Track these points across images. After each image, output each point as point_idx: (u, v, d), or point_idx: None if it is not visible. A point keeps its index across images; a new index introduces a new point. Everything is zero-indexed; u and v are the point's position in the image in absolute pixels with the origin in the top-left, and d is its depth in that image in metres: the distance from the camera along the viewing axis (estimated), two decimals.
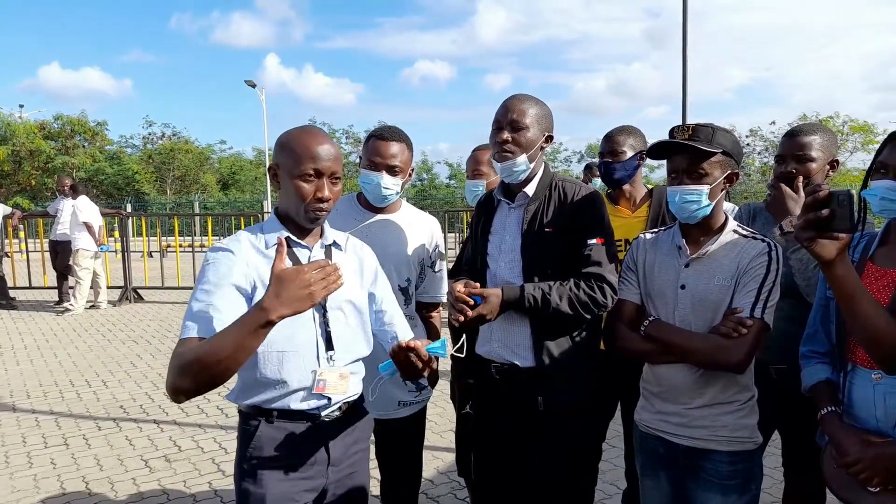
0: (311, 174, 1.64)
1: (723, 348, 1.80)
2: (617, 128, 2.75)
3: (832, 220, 1.39)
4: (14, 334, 7.65)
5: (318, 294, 1.43)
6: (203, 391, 1.44)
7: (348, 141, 39.40)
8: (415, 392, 2.40)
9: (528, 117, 2.07)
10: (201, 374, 1.41)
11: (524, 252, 2.10)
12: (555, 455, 2.10)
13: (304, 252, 1.74)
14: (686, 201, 1.86)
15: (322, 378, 1.68)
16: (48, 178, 31.98)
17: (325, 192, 1.65)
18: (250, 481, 1.67)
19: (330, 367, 1.70)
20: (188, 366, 1.41)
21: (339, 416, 1.76)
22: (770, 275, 1.82)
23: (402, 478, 2.47)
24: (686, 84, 14.35)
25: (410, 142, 2.36)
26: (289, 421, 1.69)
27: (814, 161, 2.20)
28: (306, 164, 1.63)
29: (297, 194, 1.64)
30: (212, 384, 1.43)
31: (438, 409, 4.63)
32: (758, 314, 1.80)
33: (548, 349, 2.08)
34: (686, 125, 1.90)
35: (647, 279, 2.01)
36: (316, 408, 1.71)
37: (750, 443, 1.89)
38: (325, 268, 1.45)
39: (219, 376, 1.42)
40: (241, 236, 1.70)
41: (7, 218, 9.84)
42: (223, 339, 1.41)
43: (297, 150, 1.65)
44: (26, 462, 3.98)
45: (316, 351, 1.69)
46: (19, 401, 5.17)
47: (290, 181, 1.65)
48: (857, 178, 26.70)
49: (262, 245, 1.69)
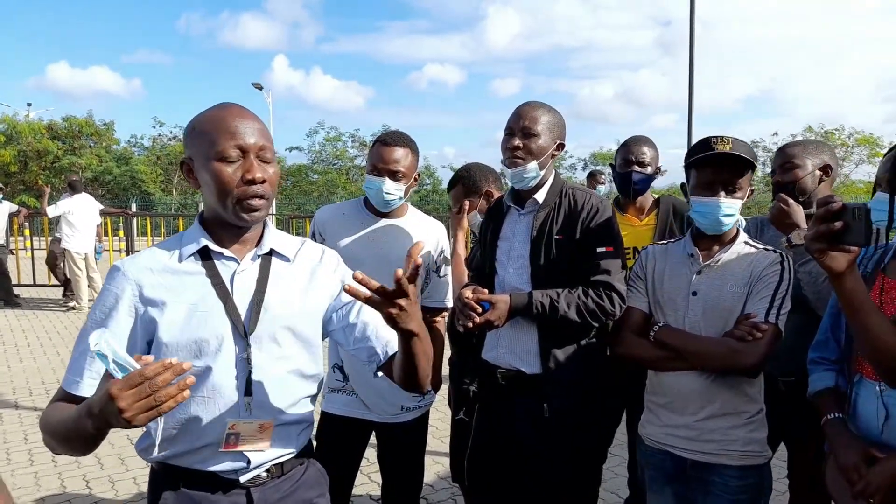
0: (232, 155, 1.30)
1: (737, 351, 1.80)
2: (643, 137, 2.82)
3: (845, 232, 1.38)
4: (17, 331, 7.67)
5: (163, 409, 1.05)
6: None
7: (354, 145, 39.46)
8: (418, 396, 2.39)
9: (539, 124, 2.08)
10: (54, 446, 1.24)
11: (533, 259, 2.10)
12: (559, 458, 2.10)
13: (231, 265, 1.38)
14: (725, 214, 1.87)
15: (234, 432, 1.32)
16: (55, 178, 32.07)
17: (256, 171, 1.30)
18: None
19: (246, 418, 1.33)
20: (43, 431, 1.26)
21: (267, 479, 1.39)
22: (783, 283, 1.84)
23: (404, 482, 2.46)
24: (692, 93, 14.37)
25: (416, 147, 2.36)
26: (199, 488, 1.34)
27: (798, 168, 2.30)
28: (224, 141, 1.29)
29: (220, 181, 1.29)
30: (70, 454, 1.25)
31: (440, 413, 4.62)
32: (772, 319, 1.81)
33: (555, 356, 2.07)
34: (725, 138, 1.87)
35: (657, 287, 2.00)
36: (232, 470, 1.35)
37: (760, 457, 1.88)
38: (168, 370, 1.05)
39: (69, 452, 1.25)
40: (138, 261, 1.37)
41: (13, 216, 9.87)
42: (64, 421, 1.19)
43: (210, 129, 1.31)
44: (27, 459, 3.97)
45: (232, 397, 1.34)
46: (22, 398, 5.17)
47: (207, 169, 1.31)
48: (861, 190, 26.65)
49: (174, 260, 1.36)
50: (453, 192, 2.84)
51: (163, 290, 1.33)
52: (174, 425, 1.33)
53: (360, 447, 2.40)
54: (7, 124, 35.19)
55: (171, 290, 1.33)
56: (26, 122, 35.84)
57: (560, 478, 2.11)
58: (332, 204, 2.57)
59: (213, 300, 1.34)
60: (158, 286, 1.33)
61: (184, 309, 1.32)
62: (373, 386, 2.25)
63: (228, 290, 1.36)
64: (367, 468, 3.73)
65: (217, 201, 1.33)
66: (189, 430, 1.33)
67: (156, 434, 1.32)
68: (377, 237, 2.34)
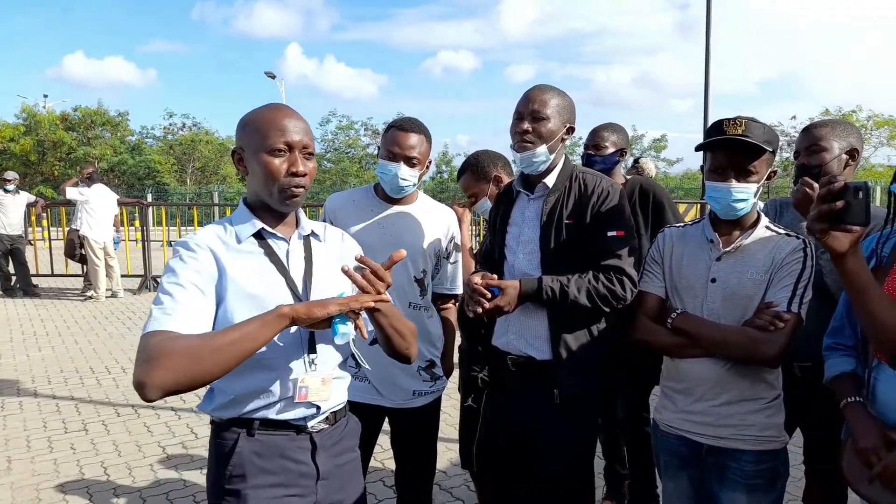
0: (282, 148, 1.49)
1: (759, 341, 1.76)
2: (602, 124, 3.01)
3: (846, 212, 1.37)
4: (36, 321, 7.78)
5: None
6: (183, 388, 1.29)
7: (367, 133, 39.45)
8: (430, 382, 2.39)
9: (549, 108, 2.05)
10: (191, 366, 1.27)
11: (543, 244, 2.08)
12: (568, 444, 2.10)
13: (282, 245, 1.60)
14: (736, 199, 1.82)
15: (304, 385, 1.53)
16: (70, 169, 32.38)
17: (300, 165, 1.50)
18: (233, 502, 1.51)
19: (312, 372, 1.55)
20: (171, 355, 1.27)
21: (326, 426, 1.62)
22: (806, 271, 1.79)
23: (417, 468, 2.46)
24: (708, 77, 14.16)
25: (429, 134, 2.35)
26: (271, 433, 1.54)
27: (825, 151, 2.19)
28: (275, 137, 1.48)
29: (268, 171, 1.49)
30: (197, 379, 1.29)
31: (452, 401, 4.61)
32: (794, 308, 1.77)
33: (565, 342, 2.06)
34: (738, 119, 1.81)
35: (675, 272, 1.97)
36: (302, 418, 1.56)
37: (777, 442, 1.86)
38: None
39: (212, 370, 1.30)
40: (207, 233, 1.53)
41: (31, 206, 9.98)
42: (228, 330, 1.34)
43: (262, 126, 1.51)
44: (47, 447, 4.04)
45: (298, 355, 1.54)
46: (41, 386, 5.25)
47: (258, 160, 1.50)
48: (881, 173, 26.23)
49: (231, 240, 1.54)
50: (462, 179, 2.83)
51: (231, 264, 1.49)
52: (250, 383, 1.50)
53: (374, 433, 2.40)
54: (27, 113, 35.58)
55: (236, 264, 1.50)
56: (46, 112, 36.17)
57: (568, 464, 2.11)
58: (341, 191, 2.56)
59: (274, 275, 1.54)
60: (227, 259, 1.50)
61: (250, 281, 1.49)
62: (384, 372, 2.26)
63: (285, 265, 1.57)
64: (381, 454, 3.75)
65: (264, 188, 1.52)
66: (265, 385, 1.51)
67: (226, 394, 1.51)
68: (388, 224, 2.33)
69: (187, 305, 1.38)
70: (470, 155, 2.90)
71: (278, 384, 1.52)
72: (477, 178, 2.75)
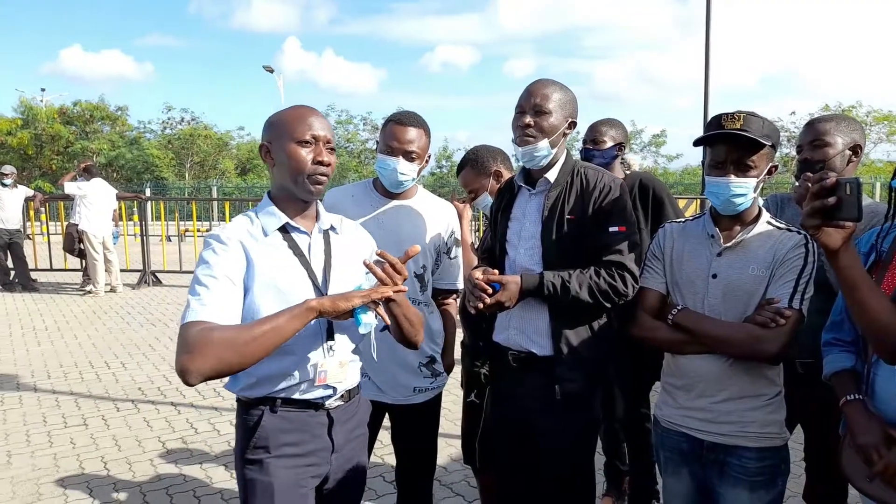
0: (309, 140, 1.63)
1: (760, 338, 1.76)
2: (604, 119, 3.02)
3: (838, 208, 1.38)
4: (35, 315, 7.77)
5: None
6: (220, 374, 1.45)
7: (366, 128, 39.37)
8: (430, 378, 2.39)
9: (551, 102, 2.04)
10: (228, 355, 1.42)
11: (544, 239, 2.07)
12: (570, 440, 2.10)
13: (304, 238, 1.72)
14: (734, 195, 1.81)
15: (323, 369, 1.68)
16: (68, 163, 32.30)
17: (325, 156, 1.64)
18: (256, 470, 1.67)
19: (330, 357, 1.69)
20: (210, 345, 1.41)
21: (342, 404, 1.77)
22: (807, 267, 1.78)
23: (417, 464, 2.46)
24: (708, 73, 14.15)
25: (428, 128, 2.33)
26: (293, 410, 1.69)
27: (829, 146, 2.18)
28: (302, 130, 1.63)
29: (296, 160, 1.63)
30: (233, 366, 1.45)
31: (453, 396, 4.62)
32: (796, 305, 1.76)
33: (566, 337, 2.05)
34: (737, 113, 1.79)
35: (675, 267, 1.96)
36: (321, 398, 1.72)
37: (778, 439, 1.85)
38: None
39: (246, 358, 1.45)
40: (237, 226, 1.66)
41: (29, 200, 9.95)
42: (261, 322, 1.48)
43: (291, 121, 1.65)
44: (47, 441, 4.04)
45: (318, 342, 1.68)
46: (40, 381, 5.24)
47: (286, 150, 1.63)
48: (881, 169, 26.24)
49: (258, 232, 1.66)
50: (462, 174, 2.82)
51: (258, 256, 1.62)
52: (274, 367, 1.63)
53: (374, 429, 2.40)
54: (24, 107, 35.49)
55: (263, 257, 1.62)
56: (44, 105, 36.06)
57: (570, 459, 2.10)
58: (340, 186, 2.55)
59: (297, 268, 1.66)
60: (255, 251, 1.62)
61: (276, 274, 1.62)
62: (385, 369, 2.26)
63: (307, 258, 1.69)
64: (381, 450, 3.75)
65: (290, 176, 1.64)
66: (289, 370, 1.65)
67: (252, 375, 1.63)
68: (387, 218, 2.32)
69: (221, 296, 1.51)
70: (469, 150, 2.88)
71: (300, 368, 1.66)
72: (477, 173, 2.74)
